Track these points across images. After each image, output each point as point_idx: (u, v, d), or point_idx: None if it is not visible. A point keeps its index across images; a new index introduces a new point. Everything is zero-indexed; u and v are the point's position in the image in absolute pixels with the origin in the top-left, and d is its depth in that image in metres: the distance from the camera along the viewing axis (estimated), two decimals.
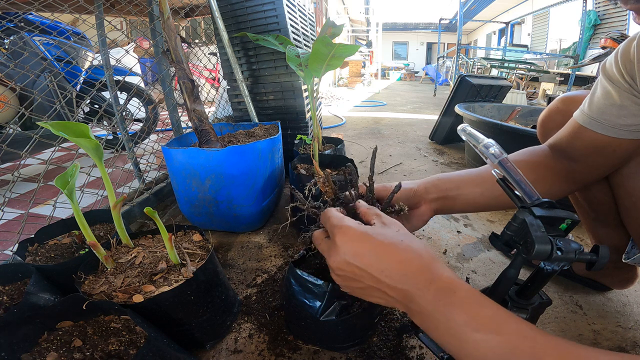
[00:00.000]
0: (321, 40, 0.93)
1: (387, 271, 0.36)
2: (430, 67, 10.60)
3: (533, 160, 0.60)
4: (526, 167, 0.57)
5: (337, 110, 4.10)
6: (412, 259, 0.36)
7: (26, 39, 1.52)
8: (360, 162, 1.93)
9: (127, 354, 0.47)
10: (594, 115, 0.53)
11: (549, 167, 0.59)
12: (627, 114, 0.49)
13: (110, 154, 1.92)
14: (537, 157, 0.60)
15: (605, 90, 0.51)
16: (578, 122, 0.55)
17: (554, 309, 0.77)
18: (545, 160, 0.60)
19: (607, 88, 0.51)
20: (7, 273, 0.58)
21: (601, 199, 0.70)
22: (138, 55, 1.38)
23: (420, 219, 0.59)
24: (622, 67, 0.48)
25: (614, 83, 0.50)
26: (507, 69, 5.30)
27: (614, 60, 0.50)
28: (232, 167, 0.96)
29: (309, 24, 1.77)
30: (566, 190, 0.62)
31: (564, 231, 0.40)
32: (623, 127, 0.50)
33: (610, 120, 0.51)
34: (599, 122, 0.52)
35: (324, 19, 7.06)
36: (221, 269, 0.70)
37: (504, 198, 0.49)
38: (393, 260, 0.36)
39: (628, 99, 0.49)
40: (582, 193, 0.73)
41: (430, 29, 15.72)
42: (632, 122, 0.49)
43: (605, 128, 0.52)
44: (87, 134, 0.54)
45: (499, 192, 0.48)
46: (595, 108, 0.53)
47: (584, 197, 0.73)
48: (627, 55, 0.47)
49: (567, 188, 0.61)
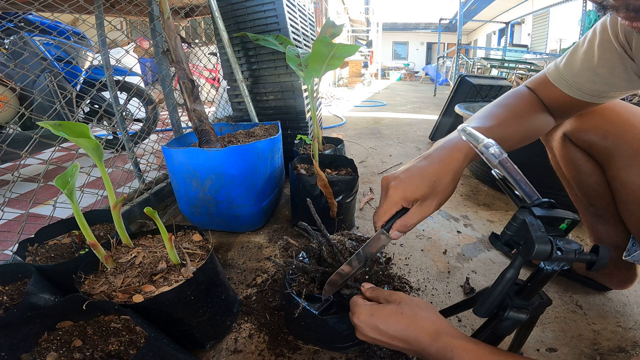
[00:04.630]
0: (321, 40, 0.93)
1: (396, 337, 0.46)
2: (430, 67, 10.59)
3: (523, 97, 0.61)
4: (520, 102, 0.59)
5: (337, 110, 4.10)
6: (410, 325, 0.45)
7: (26, 39, 1.52)
8: (360, 162, 1.93)
9: (127, 354, 0.47)
10: (565, 75, 0.55)
11: (537, 102, 0.61)
12: (599, 80, 0.52)
13: (110, 154, 1.92)
14: (524, 94, 0.61)
15: (590, 48, 0.52)
16: (548, 78, 0.58)
17: (554, 309, 0.77)
18: (532, 97, 0.61)
19: (592, 47, 0.52)
20: (7, 273, 0.58)
21: (598, 191, 0.70)
22: (138, 55, 1.38)
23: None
24: (619, 26, 0.48)
25: (604, 42, 0.50)
26: (507, 69, 5.30)
27: (611, 18, 0.50)
28: (232, 167, 0.96)
29: (309, 24, 1.78)
30: (552, 123, 0.63)
31: (564, 231, 0.40)
32: (593, 91, 0.53)
33: (580, 83, 0.54)
34: (568, 83, 0.55)
35: (324, 19, 7.06)
36: (221, 269, 0.70)
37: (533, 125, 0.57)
38: (397, 329, 0.45)
39: (606, 65, 0.50)
40: (579, 186, 0.74)
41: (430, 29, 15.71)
42: (602, 89, 0.52)
43: (572, 89, 0.55)
44: (87, 134, 0.54)
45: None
46: (570, 68, 0.55)
47: (582, 190, 0.74)
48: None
49: (552, 120, 0.63)
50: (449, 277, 0.89)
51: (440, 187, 0.49)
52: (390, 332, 0.46)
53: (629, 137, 0.60)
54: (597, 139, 0.64)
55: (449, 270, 0.92)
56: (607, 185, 0.68)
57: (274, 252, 1.01)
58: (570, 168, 0.73)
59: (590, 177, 0.70)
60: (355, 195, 1.07)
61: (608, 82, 0.52)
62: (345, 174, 1.14)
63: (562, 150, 0.73)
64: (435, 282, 0.87)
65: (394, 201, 0.49)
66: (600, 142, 0.64)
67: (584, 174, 0.71)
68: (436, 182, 0.49)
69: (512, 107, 0.58)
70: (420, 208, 0.49)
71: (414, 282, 0.87)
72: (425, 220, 1.20)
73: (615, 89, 0.53)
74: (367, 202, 1.38)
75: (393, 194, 0.49)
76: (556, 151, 0.75)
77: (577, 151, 0.70)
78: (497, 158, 0.44)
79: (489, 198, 1.41)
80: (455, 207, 1.32)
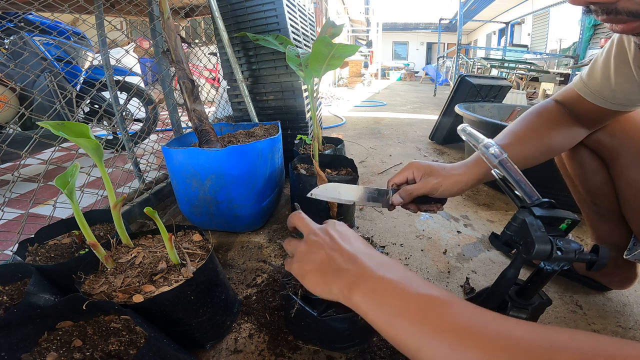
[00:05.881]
0: (321, 40, 0.93)
1: (354, 246, 0.39)
2: (430, 67, 10.59)
3: (547, 112, 0.63)
4: (542, 118, 0.62)
5: (337, 110, 4.10)
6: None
7: (26, 39, 1.52)
8: (360, 162, 1.93)
9: (127, 354, 0.47)
10: (589, 85, 0.57)
11: (562, 116, 0.63)
12: (619, 89, 0.54)
13: (110, 154, 1.92)
14: (548, 109, 0.64)
15: (607, 59, 0.54)
16: (575, 89, 0.60)
17: (554, 309, 0.77)
18: (557, 111, 0.63)
19: (609, 58, 0.54)
20: (7, 273, 0.58)
21: (603, 190, 0.71)
22: (138, 55, 1.38)
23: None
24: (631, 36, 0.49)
25: (619, 53, 0.52)
26: (507, 69, 5.30)
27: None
28: (232, 167, 0.96)
29: (309, 24, 1.77)
30: (584, 133, 0.65)
31: (564, 231, 0.40)
32: (615, 100, 0.55)
33: (602, 93, 0.56)
34: (592, 93, 0.57)
35: (324, 19, 7.06)
36: (221, 269, 0.70)
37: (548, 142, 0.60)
38: (362, 244, 0.40)
39: (622, 75, 0.52)
40: (584, 184, 0.74)
41: (430, 29, 15.70)
42: (624, 97, 0.54)
43: (597, 99, 0.57)
44: (87, 134, 0.54)
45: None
46: (592, 78, 0.57)
47: (586, 188, 0.74)
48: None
49: (584, 131, 0.64)
50: (449, 277, 0.89)
51: (448, 172, 0.55)
52: (352, 242, 0.39)
53: (636, 135, 0.61)
54: (604, 137, 0.65)
55: (449, 270, 0.92)
56: (611, 184, 0.69)
57: (274, 251, 1.01)
58: (576, 166, 0.73)
59: (595, 175, 0.71)
60: None
61: (626, 91, 0.54)
62: (345, 174, 1.14)
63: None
64: (435, 282, 0.87)
65: (408, 167, 0.58)
66: (607, 140, 0.64)
67: (589, 172, 0.71)
68: (447, 169, 0.56)
69: (532, 122, 0.61)
70: (423, 181, 0.56)
71: None
72: (425, 220, 1.20)
73: (635, 97, 0.55)
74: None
75: (411, 164, 0.58)
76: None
77: (583, 149, 0.70)
78: (497, 158, 0.44)
79: (489, 198, 1.41)
80: (455, 207, 1.32)
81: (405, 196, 0.56)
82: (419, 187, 0.56)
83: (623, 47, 0.51)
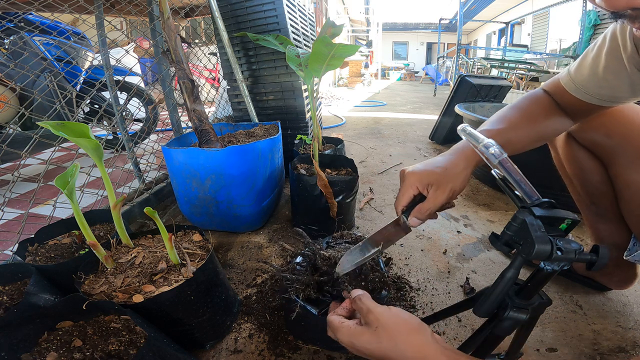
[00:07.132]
0: (321, 40, 0.93)
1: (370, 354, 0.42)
2: (430, 67, 10.59)
3: (538, 100, 0.63)
4: (534, 106, 0.62)
5: (337, 110, 4.10)
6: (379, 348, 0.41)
7: (26, 39, 1.52)
8: (360, 162, 1.93)
9: (127, 354, 0.47)
10: (575, 79, 0.57)
11: (551, 105, 0.62)
12: (606, 85, 0.53)
13: (110, 154, 1.92)
14: (539, 98, 0.64)
15: (598, 55, 0.54)
16: (560, 82, 0.60)
17: (554, 309, 0.77)
18: (547, 101, 0.63)
19: (600, 54, 0.54)
20: (7, 273, 0.58)
21: (601, 190, 0.71)
22: (138, 55, 1.38)
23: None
24: (628, 35, 0.49)
25: (612, 50, 0.51)
26: (507, 69, 5.30)
27: (621, 27, 0.51)
28: (232, 167, 0.96)
29: (309, 24, 1.77)
30: (570, 124, 0.65)
31: (564, 231, 0.40)
32: (600, 96, 0.55)
33: (587, 88, 0.56)
34: (577, 87, 0.57)
35: (324, 19, 7.06)
36: (221, 269, 0.70)
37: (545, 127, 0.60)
38: (372, 349, 0.42)
39: (613, 72, 0.52)
40: (582, 185, 0.74)
41: (430, 29, 15.69)
42: (609, 93, 0.54)
43: (580, 93, 0.57)
44: (87, 134, 0.54)
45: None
46: (580, 73, 0.57)
47: (584, 188, 0.74)
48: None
49: (570, 121, 0.64)
50: (449, 277, 0.89)
51: (452, 172, 0.51)
52: (371, 358, 0.43)
53: (633, 136, 0.61)
54: (601, 138, 0.65)
55: (449, 270, 0.92)
56: (609, 184, 0.69)
57: (275, 251, 1.01)
58: (574, 166, 0.73)
59: (593, 175, 0.71)
60: (356, 195, 1.07)
61: (614, 87, 0.53)
62: (345, 174, 1.14)
63: (566, 149, 0.73)
64: (435, 282, 0.87)
65: (410, 183, 0.52)
66: (604, 140, 0.64)
67: (587, 173, 0.71)
68: (449, 168, 0.51)
69: (525, 109, 0.61)
70: (435, 193, 0.51)
71: (414, 282, 0.87)
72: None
73: (621, 95, 0.54)
74: (367, 202, 1.38)
75: (409, 178, 0.52)
76: (560, 150, 0.76)
77: (580, 150, 0.70)
78: (497, 158, 0.44)
79: (489, 198, 1.41)
80: (455, 207, 1.32)
81: (424, 217, 0.52)
82: (435, 203, 0.51)
83: (617, 43, 0.51)
